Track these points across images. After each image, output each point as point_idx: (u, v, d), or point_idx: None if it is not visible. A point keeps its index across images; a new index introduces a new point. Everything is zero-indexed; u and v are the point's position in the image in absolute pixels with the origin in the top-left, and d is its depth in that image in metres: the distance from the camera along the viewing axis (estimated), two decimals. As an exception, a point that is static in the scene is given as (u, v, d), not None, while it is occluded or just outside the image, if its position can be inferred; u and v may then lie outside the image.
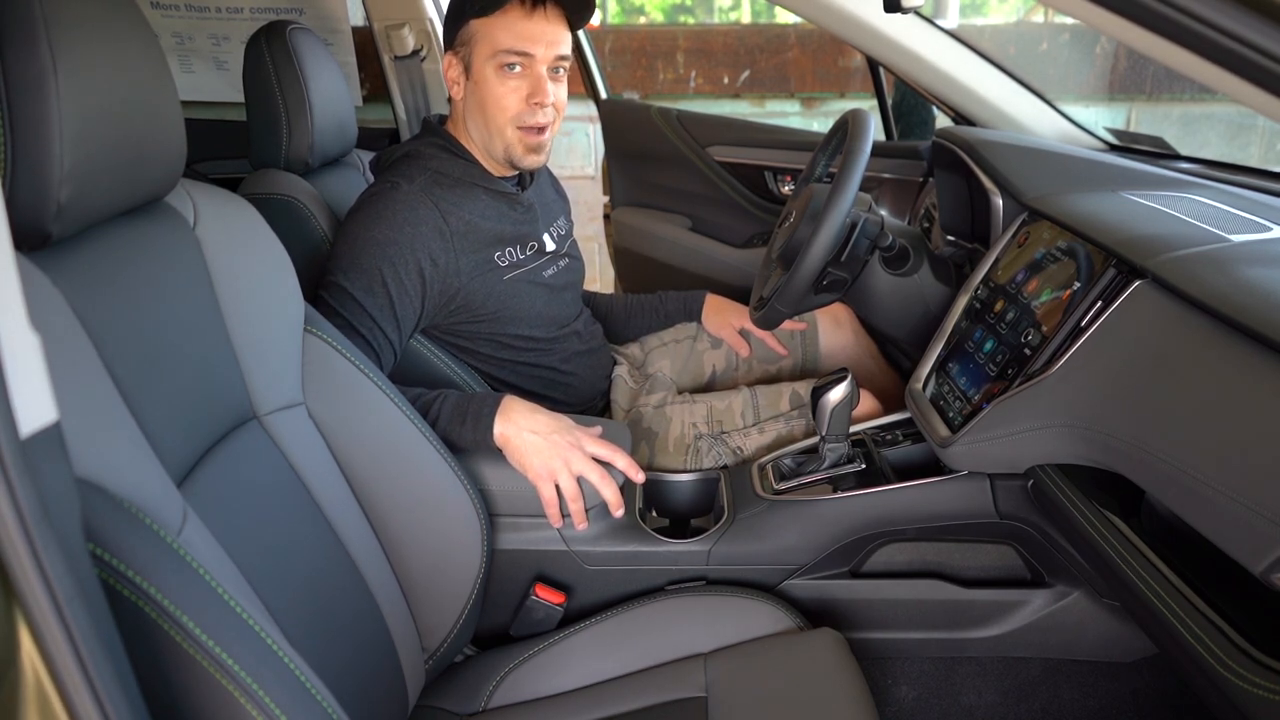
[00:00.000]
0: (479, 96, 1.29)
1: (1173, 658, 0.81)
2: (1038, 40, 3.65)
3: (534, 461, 1.13)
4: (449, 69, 1.32)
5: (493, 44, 1.26)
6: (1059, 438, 0.99)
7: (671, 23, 3.87)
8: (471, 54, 1.28)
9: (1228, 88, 0.66)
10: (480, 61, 1.27)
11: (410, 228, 1.23)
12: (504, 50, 1.25)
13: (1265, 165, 1.38)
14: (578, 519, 1.16)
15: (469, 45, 1.28)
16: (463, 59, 1.29)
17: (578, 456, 1.14)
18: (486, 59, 1.27)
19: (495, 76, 1.27)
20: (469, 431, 1.14)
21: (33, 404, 0.45)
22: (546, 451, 1.13)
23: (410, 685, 1.01)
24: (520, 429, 1.14)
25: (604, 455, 1.16)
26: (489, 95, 1.28)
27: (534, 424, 1.15)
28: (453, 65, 1.31)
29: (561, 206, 1.54)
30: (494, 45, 1.26)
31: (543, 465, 1.13)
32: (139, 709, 0.49)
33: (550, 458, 1.13)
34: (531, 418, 1.15)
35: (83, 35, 0.66)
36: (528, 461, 1.13)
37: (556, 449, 1.13)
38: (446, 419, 1.15)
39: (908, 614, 1.24)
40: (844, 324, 1.68)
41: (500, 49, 1.25)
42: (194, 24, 2.41)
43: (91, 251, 0.72)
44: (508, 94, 1.28)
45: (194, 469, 0.77)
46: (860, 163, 1.24)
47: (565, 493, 1.14)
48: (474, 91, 1.30)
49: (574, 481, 1.14)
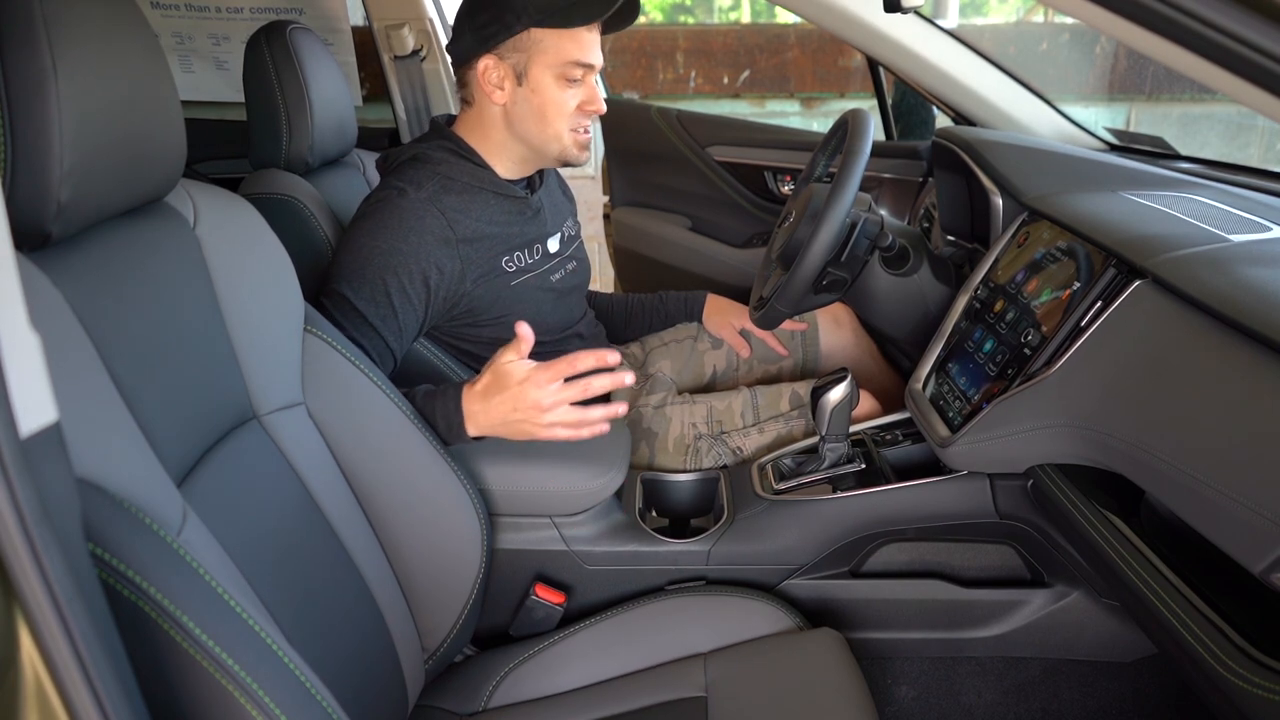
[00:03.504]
0: (536, 103, 1.27)
1: (1173, 658, 0.81)
2: (1038, 40, 3.65)
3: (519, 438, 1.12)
4: (488, 72, 1.27)
5: (560, 54, 1.24)
6: (1059, 437, 0.99)
7: (671, 23, 3.87)
8: (530, 61, 1.25)
9: (1228, 88, 0.66)
10: (540, 69, 1.25)
11: (416, 237, 1.21)
12: (573, 62, 1.25)
13: (1265, 165, 1.38)
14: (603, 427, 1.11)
15: (525, 53, 1.25)
16: (513, 65, 1.26)
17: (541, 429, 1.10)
18: (549, 67, 1.25)
19: (556, 84, 1.26)
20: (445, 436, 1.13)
21: (33, 404, 0.45)
22: (523, 429, 1.11)
23: (410, 685, 1.01)
24: (493, 425, 1.12)
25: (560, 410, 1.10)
26: (549, 102, 1.27)
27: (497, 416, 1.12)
28: (494, 69, 1.26)
29: (569, 208, 1.54)
30: (562, 56, 1.24)
31: (530, 436, 1.11)
32: (139, 709, 0.49)
33: (531, 429, 1.10)
34: (490, 413, 1.12)
35: (83, 35, 0.66)
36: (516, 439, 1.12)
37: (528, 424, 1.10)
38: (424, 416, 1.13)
39: (908, 614, 1.24)
40: (844, 324, 1.68)
41: (569, 60, 1.25)
42: (194, 24, 2.41)
43: (91, 251, 0.72)
44: (567, 101, 1.27)
45: (194, 469, 0.77)
46: (860, 163, 1.24)
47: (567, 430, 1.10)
48: (528, 98, 1.27)
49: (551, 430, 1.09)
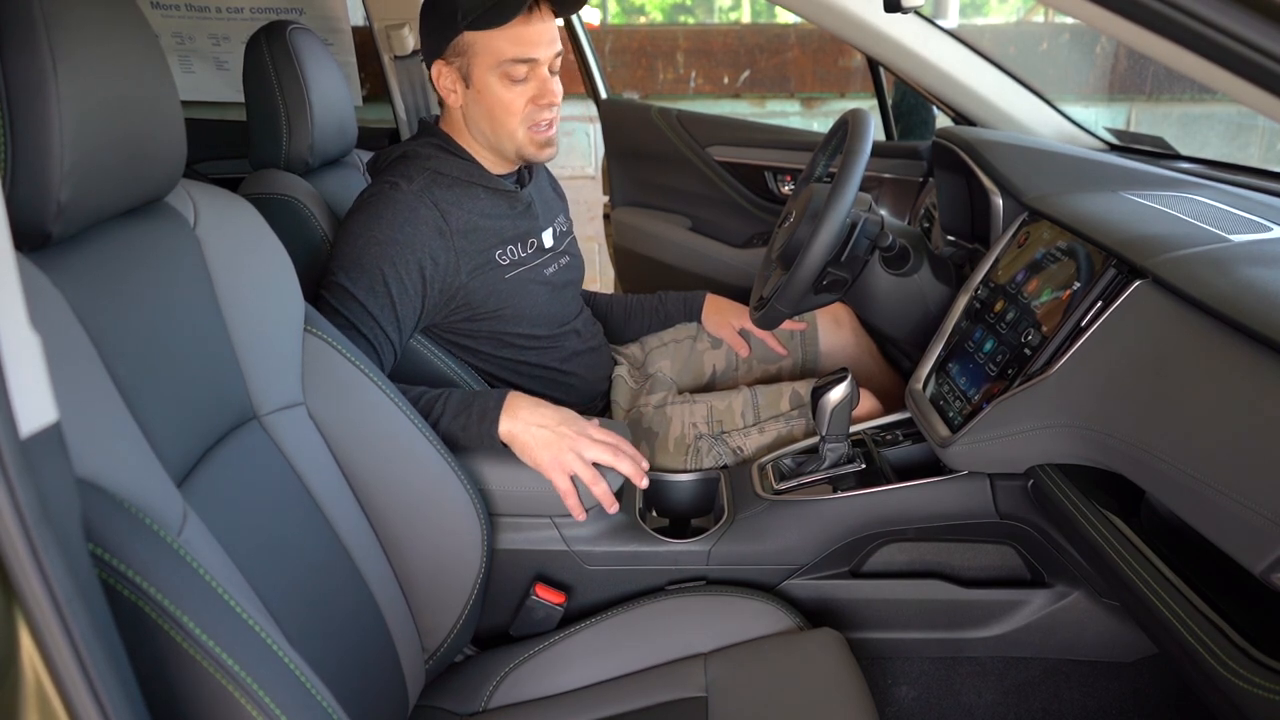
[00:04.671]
0: (485, 104, 1.27)
1: (1173, 658, 0.80)
2: (1038, 40, 3.65)
3: (543, 455, 1.13)
4: (440, 78, 1.29)
5: (496, 54, 1.24)
6: (1059, 438, 0.99)
7: (671, 23, 3.87)
8: (471, 64, 1.26)
9: (1228, 88, 0.66)
10: (482, 71, 1.25)
11: (410, 228, 1.22)
12: (509, 60, 1.24)
13: (1265, 165, 1.38)
14: (606, 502, 1.15)
15: (465, 56, 1.25)
16: (459, 69, 1.27)
17: (586, 444, 1.13)
18: (490, 69, 1.25)
19: (500, 84, 1.26)
20: (473, 428, 1.14)
21: (33, 404, 0.45)
22: (555, 444, 1.12)
23: (410, 685, 1.01)
24: (527, 424, 1.13)
25: (610, 441, 1.16)
26: (496, 102, 1.27)
27: (540, 418, 1.14)
28: (445, 74, 1.28)
29: (560, 204, 1.55)
30: (497, 55, 1.24)
31: (553, 458, 1.12)
32: (139, 709, 0.49)
33: (560, 450, 1.12)
34: (536, 411, 1.15)
35: (83, 36, 0.66)
36: (537, 455, 1.13)
37: (565, 440, 1.13)
38: (450, 417, 1.14)
39: (908, 614, 1.24)
40: (844, 324, 1.68)
41: (505, 58, 1.24)
42: (194, 24, 2.42)
43: (92, 251, 0.72)
44: (515, 99, 1.27)
45: (194, 469, 0.77)
46: (860, 163, 1.24)
47: (583, 478, 1.13)
48: (477, 100, 1.28)
49: (589, 467, 1.13)
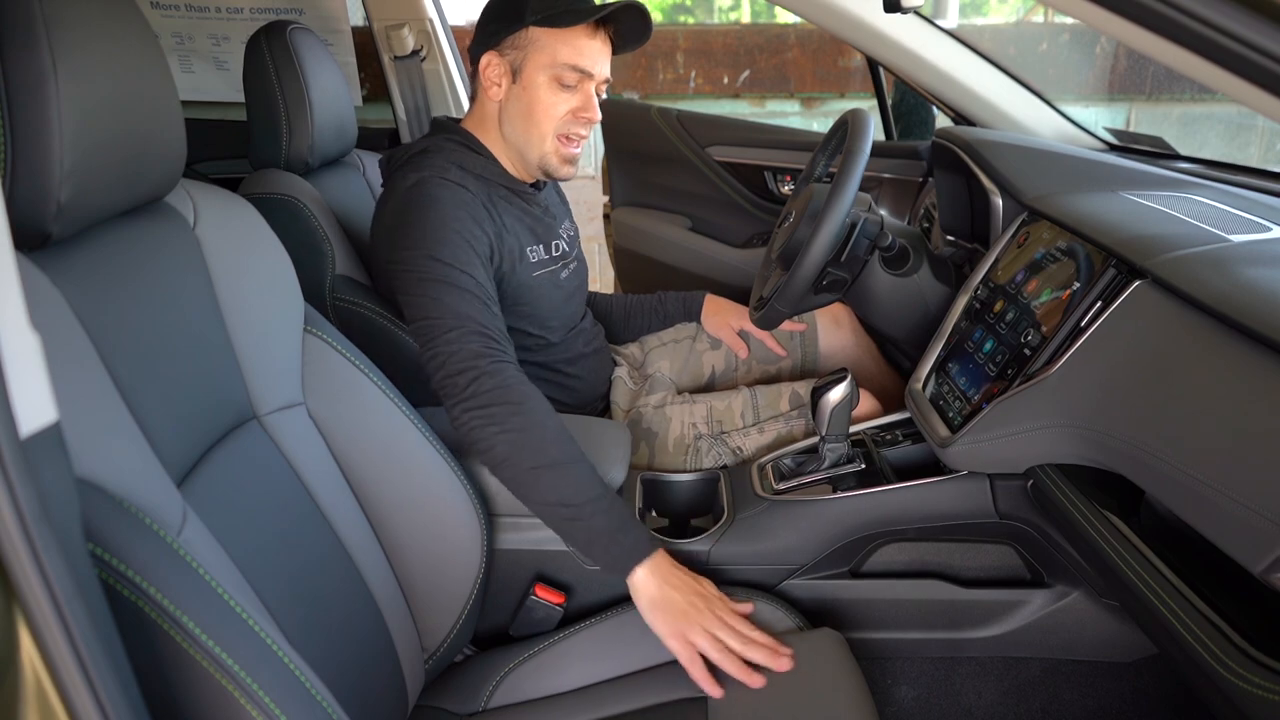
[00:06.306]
0: (526, 102, 1.28)
1: (1173, 658, 0.80)
2: (1038, 40, 3.65)
3: (665, 619, 1.03)
4: (488, 68, 1.29)
5: (553, 55, 1.25)
6: (1058, 438, 0.99)
7: (671, 23, 3.87)
8: (525, 60, 1.26)
9: (1228, 88, 0.66)
10: (535, 69, 1.26)
11: (463, 208, 1.22)
12: (565, 64, 1.25)
13: (1265, 165, 1.38)
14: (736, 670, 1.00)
15: (522, 50, 1.26)
16: (511, 62, 1.27)
17: (717, 625, 1.02)
18: (542, 68, 1.26)
19: (549, 86, 1.27)
20: (609, 549, 1.06)
21: (33, 404, 0.45)
22: (684, 616, 1.03)
23: (410, 685, 1.01)
24: (662, 582, 1.05)
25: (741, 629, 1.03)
26: (538, 102, 1.27)
27: (677, 580, 1.06)
28: (494, 65, 1.28)
29: (565, 210, 1.55)
30: (555, 57, 1.25)
31: (673, 625, 1.03)
32: (138, 709, 0.49)
33: (687, 624, 1.02)
34: (675, 573, 1.07)
35: (83, 36, 0.66)
36: (659, 617, 1.04)
37: (694, 613, 1.03)
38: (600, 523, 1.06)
39: (908, 614, 1.24)
40: (844, 324, 1.68)
41: (562, 62, 1.25)
42: (194, 24, 2.42)
43: (91, 251, 0.72)
44: (558, 104, 1.27)
45: (194, 469, 0.77)
46: (860, 163, 1.24)
47: (707, 651, 1.01)
48: (520, 96, 1.28)
49: (709, 638, 1.01)
